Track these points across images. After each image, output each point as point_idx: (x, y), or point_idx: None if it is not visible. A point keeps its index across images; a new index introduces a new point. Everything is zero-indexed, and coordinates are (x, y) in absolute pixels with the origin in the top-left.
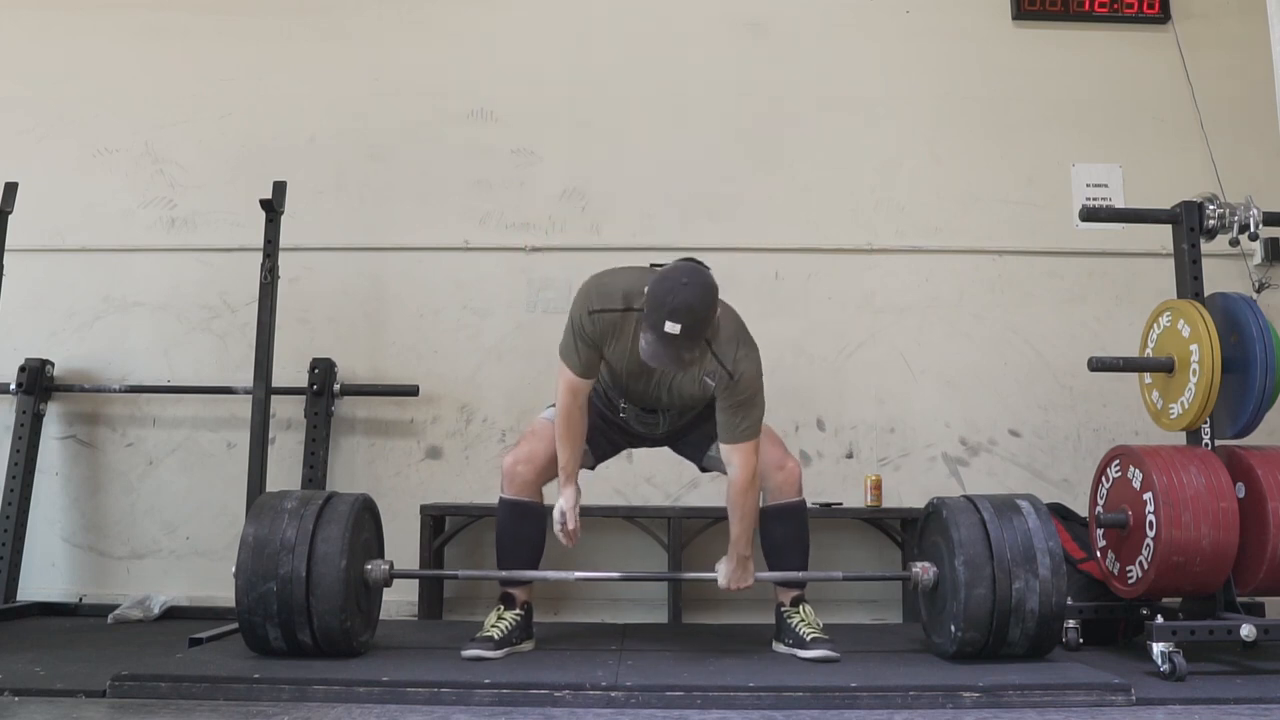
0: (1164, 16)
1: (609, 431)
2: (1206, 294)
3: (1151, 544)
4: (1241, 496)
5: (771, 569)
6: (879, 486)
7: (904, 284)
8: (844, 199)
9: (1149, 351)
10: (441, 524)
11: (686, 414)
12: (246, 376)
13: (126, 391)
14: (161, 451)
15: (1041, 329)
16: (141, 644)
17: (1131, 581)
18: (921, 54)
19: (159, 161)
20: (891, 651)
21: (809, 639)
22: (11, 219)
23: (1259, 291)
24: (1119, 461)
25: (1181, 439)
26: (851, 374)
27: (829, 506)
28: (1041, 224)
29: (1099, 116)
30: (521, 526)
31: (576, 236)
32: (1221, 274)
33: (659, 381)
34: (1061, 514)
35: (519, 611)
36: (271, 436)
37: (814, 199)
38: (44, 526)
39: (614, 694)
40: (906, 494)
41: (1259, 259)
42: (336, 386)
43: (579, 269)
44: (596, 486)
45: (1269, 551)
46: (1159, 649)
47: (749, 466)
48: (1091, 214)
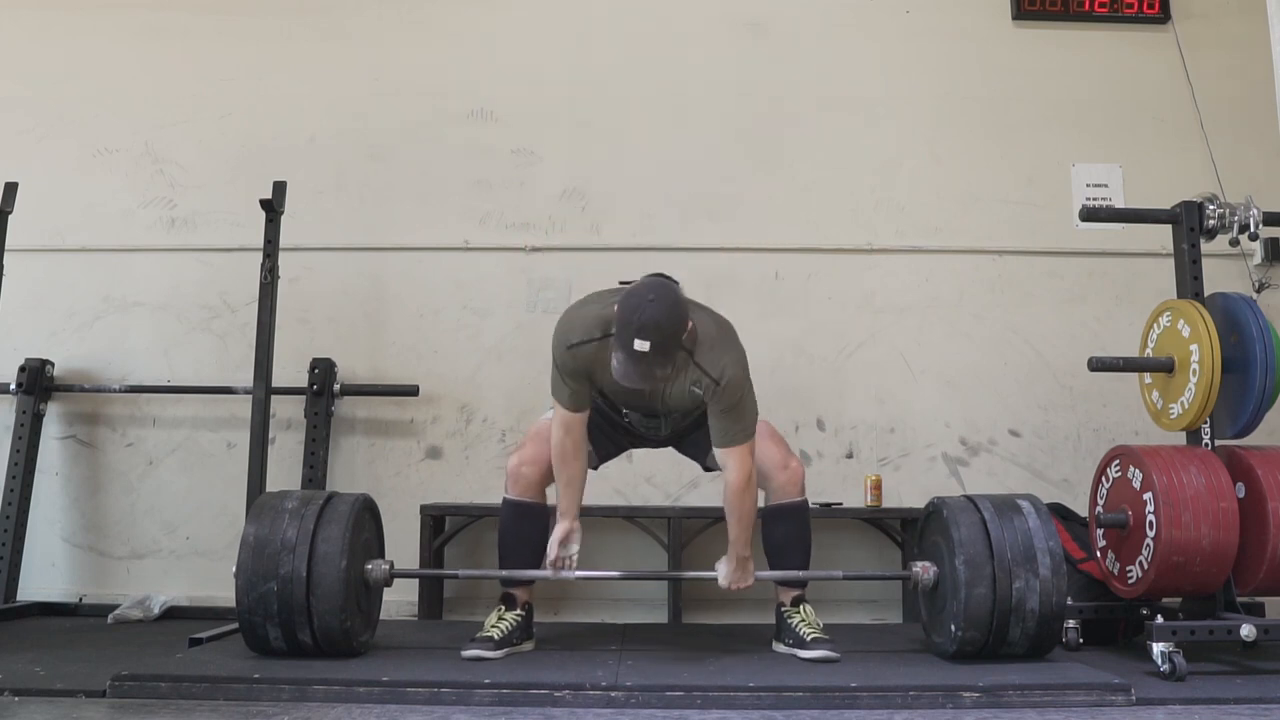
0: (1164, 16)
1: (613, 433)
2: (1206, 294)
3: (1151, 544)
4: (1241, 496)
5: (773, 568)
6: (879, 486)
7: (904, 284)
8: (844, 199)
9: (1149, 351)
10: (441, 524)
11: (688, 417)
12: (246, 376)
13: (126, 391)
14: (161, 451)
15: (1041, 329)
16: (141, 644)
17: (1131, 581)
18: (921, 54)
19: (159, 161)
20: (891, 651)
21: (809, 639)
22: (11, 219)
23: (1259, 291)
24: (1119, 461)
25: (1181, 439)
26: (851, 374)
27: (829, 506)
28: (1041, 224)
29: (1099, 116)
30: (524, 527)
31: (576, 236)
32: (1221, 274)
33: (652, 394)
34: (1061, 514)
35: (519, 612)
36: (271, 436)
37: (814, 199)
38: (44, 526)
39: (614, 694)
40: (906, 494)
41: (1259, 259)
42: (336, 386)
43: (579, 269)
44: (596, 486)
45: (1269, 551)
46: (1159, 649)
47: (744, 469)
48: (1091, 214)
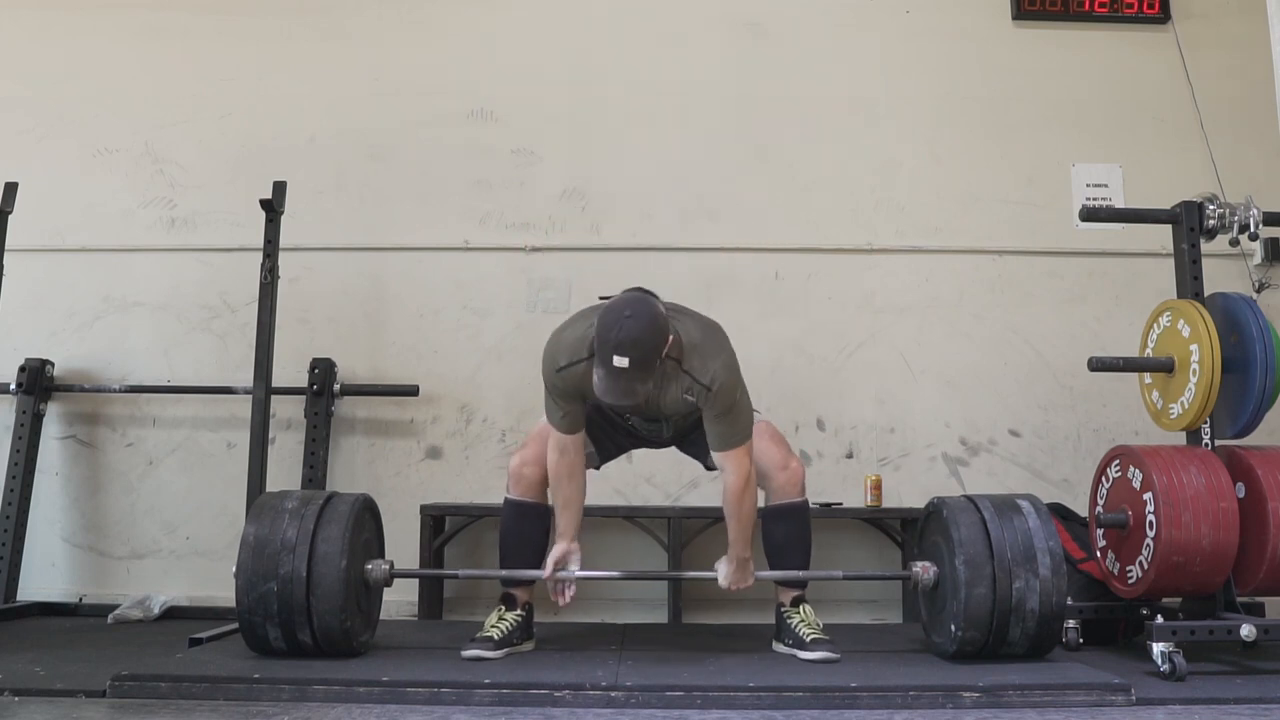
0: (1164, 16)
1: (615, 434)
2: (1206, 294)
3: (1151, 544)
4: (1241, 496)
5: (773, 568)
6: (879, 486)
7: (904, 284)
8: (844, 199)
9: (1149, 351)
10: (441, 524)
11: (688, 419)
12: (246, 376)
13: (126, 391)
14: (161, 451)
15: (1041, 329)
16: (141, 644)
17: (1131, 581)
18: (921, 54)
19: (159, 161)
20: (891, 651)
21: (809, 639)
22: (11, 219)
23: (1259, 291)
24: (1119, 461)
25: (1181, 439)
26: (851, 374)
27: (829, 506)
28: (1041, 224)
29: (1099, 116)
30: (526, 527)
31: (576, 236)
32: (1221, 274)
33: (647, 403)
34: (1061, 514)
35: (520, 612)
36: (271, 436)
37: (814, 199)
38: (44, 526)
39: (614, 694)
40: (906, 494)
41: (1259, 259)
42: (336, 386)
43: (579, 269)
44: (596, 486)
45: (1269, 551)
46: (1159, 649)
47: (742, 471)
48: (1091, 214)
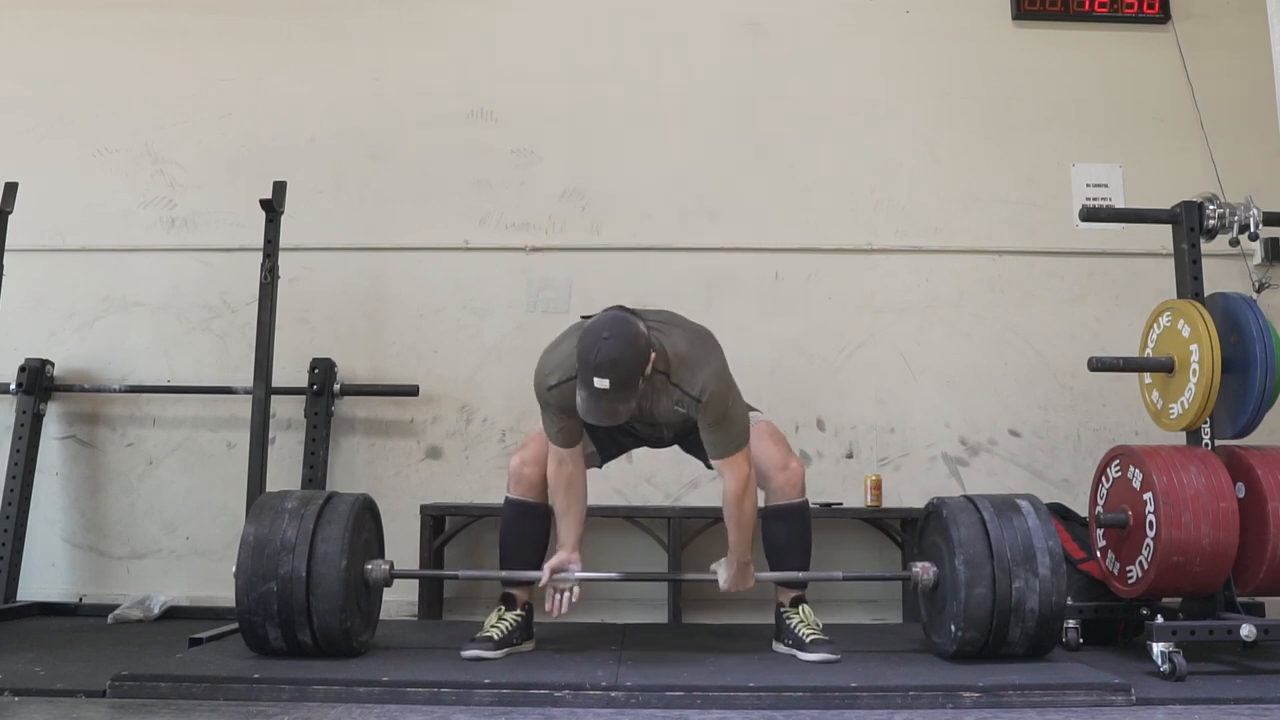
0: (1164, 16)
1: (617, 435)
2: (1206, 294)
3: (1151, 544)
4: (1241, 496)
5: (773, 569)
6: (879, 486)
7: (904, 284)
8: (844, 199)
9: (1149, 351)
10: (441, 524)
11: (688, 422)
12: (246, 376)
13: (126, 391)
14: (161, 451)
15: (1041, 329)
16: (141, 644)
17: (1131, 581)
18: (921, 54)
19: (159, 161)
20: (891, 651)
21: (808, 640)
22: (11, 219)
23: (1259, 291)
24: (1119, 461)
25: (1181, 439)
26: (851, 374)
27: (829, 506)
28: (1041, 224)
29: (1099, 116)
30: (526, 527)
31: (576, 236)
32: (1221, 274)
33: (641, 413)
34: (1061, 514)
35: (520, 612)
36: (271, 436)
37: (814, 199)
38: (44, 526)
39: (614, 694)
40: (906, 494)
41: (1259, 259)
42: (336, 386)
43: (579, 269)
44: (596, 486)
45: (1269, 551)
46: (1159, 649)
47: (740, 477)
48: (1091, 214)
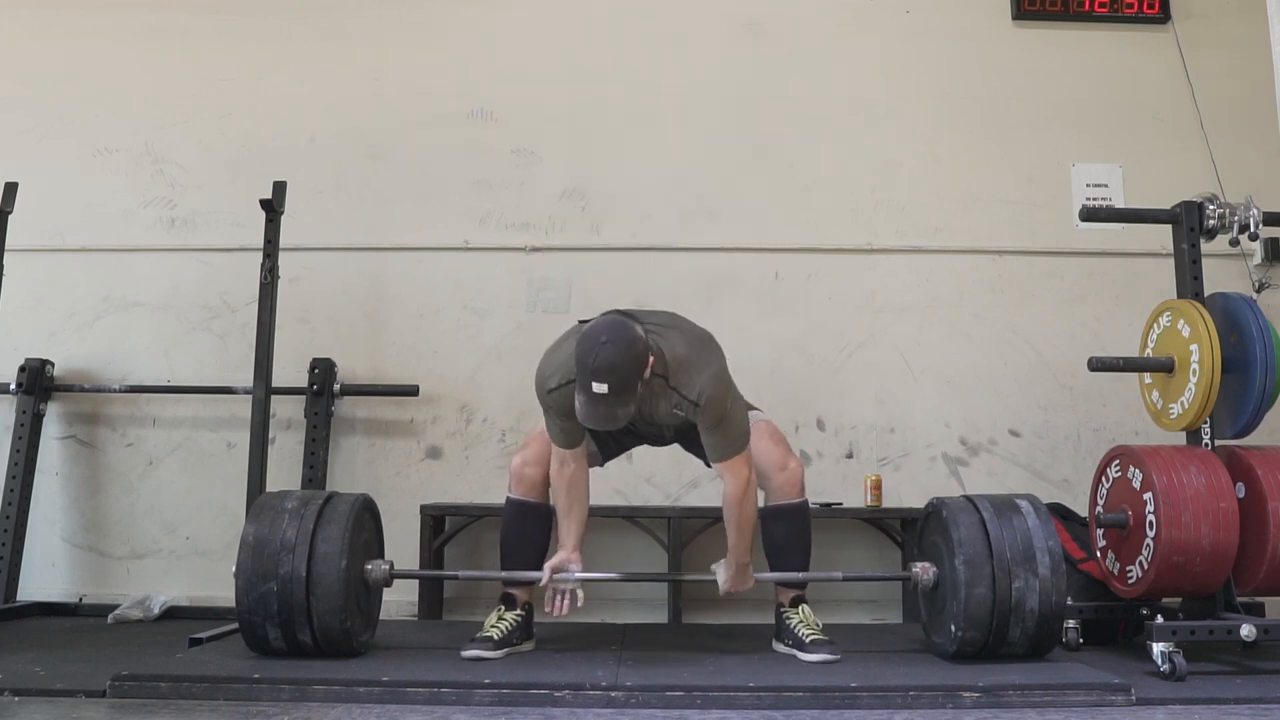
0: (1164, 16)
1: (618, 434)
2: (1206, 294)
3: (1151, 544)
4: (1241, 496)
5: (772, 569)
6: (879, 486)
7: (904, 284)
8: (844, 199)
9: (1149, 351)
10: (441, 524)
11: (688, 422)
12: (246, 376)
13: (126, 391)
14: (161, 451)
15: (1041, 329)
16: (141, 644)
17: (1131, 581)
18: (921, 54)
19: (159, 161)
20: (891, 651)
21: (808, 640)
22: (11, 219)
23: (1259, 291)
24: (1119, 461)
25: (1181, 439)
26: (851, 374)
27: (829, 506)
28: (1041, 224)
29: (1099, 116)
30: (527, 527)
31: (576, 236)
32: (1221, 274)
33: (640, 417)
34: (1061, 514)
35: (520, 612)
36: (271, 436)
37: (814, 199)
38: (44, 526)
39: (614, 694)
40: (906, 494)
41: (1259, 259)
42: (336, 386)
43: (579, 269)
44: (596, 486)
45: (1269, 551)
46: (1159, 649)
47: (740, 479)
48: (1091, 214)
